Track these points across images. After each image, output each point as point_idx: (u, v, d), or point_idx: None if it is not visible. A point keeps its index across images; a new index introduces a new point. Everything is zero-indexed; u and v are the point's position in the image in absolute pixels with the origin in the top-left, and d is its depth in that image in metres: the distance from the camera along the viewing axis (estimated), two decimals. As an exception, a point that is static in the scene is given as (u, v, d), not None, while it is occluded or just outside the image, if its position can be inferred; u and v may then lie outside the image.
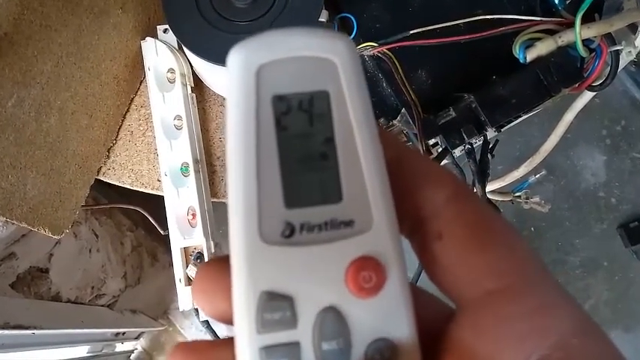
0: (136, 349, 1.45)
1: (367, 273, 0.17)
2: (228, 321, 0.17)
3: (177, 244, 0.60)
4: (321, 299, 0.17)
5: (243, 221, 0.17)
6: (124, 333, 1.30)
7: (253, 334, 0.16)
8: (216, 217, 0.64)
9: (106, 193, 1.03)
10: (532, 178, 0.95)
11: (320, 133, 0.17)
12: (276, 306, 0.16)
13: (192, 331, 1.48)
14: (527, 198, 0.94)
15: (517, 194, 0.95)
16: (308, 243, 0.17)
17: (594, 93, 0.66)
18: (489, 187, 0.93)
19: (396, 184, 0.18)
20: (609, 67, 0.59)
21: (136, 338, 1.43)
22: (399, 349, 0.17)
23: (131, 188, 0.64)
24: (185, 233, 0.60)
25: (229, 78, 0.17)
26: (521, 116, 0.58)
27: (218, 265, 0.17)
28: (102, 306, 1.14)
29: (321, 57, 0.17)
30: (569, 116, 0.76)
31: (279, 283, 0.17)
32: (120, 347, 1.36)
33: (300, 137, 0.17)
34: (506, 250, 0.17)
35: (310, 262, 0.17)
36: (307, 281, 0.17)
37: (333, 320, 0.17)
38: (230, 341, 0.17)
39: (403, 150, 0.18)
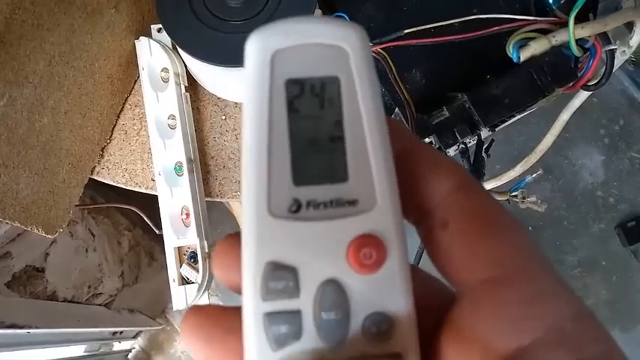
0: (134, 348, 1.45)
1: (368, 250, 0.17)
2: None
3: (170, 243, 0.60)
4: (322, 272, 0.18)
5: (254, 196, 0.18)
6: (121, 332, 1.30)
7: (258, 301, 0.17)
8: (211, 217, 0.64)
9: (104, 192, 1.03)
10: (529, 178, 0.95)
11: (330, 116, 0.18)
12: (280, 276, 0.17)
13: (190, 331, 1.48)
14: (523, 197, 0.94)
15: (513, 194, 0.95)
16: (313, 219, 0.18)
17: (590, 92, 0.66)
18: (486, 187, 0.93)
19: (405, 173, 0.18)
20: (605, 67, 0.59)
21: (134, 337, 1.43)
22: (396, 322, 0.18)
23: (125, 188, 0.64)
24: (179, 233, 0.60)
25: (247, 62, 0.18)
26: (514, 116, 0.57)
27: (235, 238, 0.18)
28: (99, 305, 1.14)
29: (333, 44, 0.18)
30: (564, 116, 0.76)
31: (284, 254, 0.18)
32: (117, 346, 1.37)
33: (310, 119, 0.18)
34: (508, 240, 0.18)
35: (314, 237, 0.18)
36: (310, 254, 0.18)
37: (333, 292, 0.18)
38: (239, 308, 0.18)
39: (412, 141, 0.19)
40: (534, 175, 0.95)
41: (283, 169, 0.18)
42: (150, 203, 0.69)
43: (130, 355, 1.44)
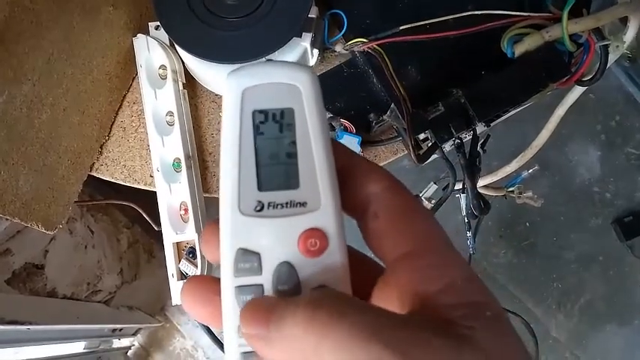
0: (133, 345, 1.45)
1: (313, 240, 0.23)
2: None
3: (169, 239, 0.61)
4: (279, 256, 0.23)
5: (228, 198, 0.23)
6: (120, 329, 1.30)
7: (231, 276, 0.23)
8: (209, 214, 0.64)
9: (103, 191, 1.03)
10: (525, 173, 0.95)
11: (287, 137, 0.23)
12: (247, 259, 0.23)
13: (189, 327, 1.49)
14: (520, 193, 0.95)
15: (510, 189, 0.95)
16: (273, 216, 0.23)
17: (585, 88, 0.67)
18: (482, 182, 0.93)
19: (348, 180, 0.24)
20: (599, 62, 0.60)
21: (133, 334, 1.44)
22: None
23: (124, 184, 0.65)
24: (177, 228, 0.61)
25: (224, 96, 0.23)
26: (509, 111, 0.58)
27: (216, 225, 0.24)
28: (98, 302, 1.15)
29: (289, 83, 0.23)
30: (559, 111, 0.76)
31: (250, 242, 0.23)
32: (117, 343, 1.37)
33: (271, 140, 0.23)
34: (421, 226, 0.23)
35: (273, 229, 0.23)
36: (270, 242, 0.23)
37: (287, 271, 0.23)
38: None
39: (352, 156, 0.25)
40: (530, 171, 0.95)
41: (250, 177, 0.23)
42: (148, 200, 0.70)
43: (129, 352, 1.44)
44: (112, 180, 0.65)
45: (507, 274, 1.58)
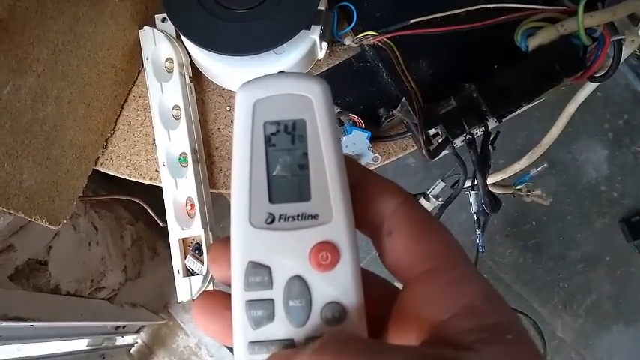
0: (137, 342, 1.45)
1: (325, 253, 0.22)
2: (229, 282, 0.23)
3: (175, 235, 0.60)
4: (290, 270, 0.23)
5: (238, 210, 0.23)
6: (124, 326, 1.30)
7: (242, 290, 0.22)
8: (215, 211, 0.63)
9: (107, 187, 1.02)
10: (533, 171, 0.94)
11: (298, 149, 0.23)
12: (258, 272, 0.22)
13: (193, 325, 1.48)
14: (528, 191, 0.94)
15: (518, 187, 0.94)
16: (284, 229, 0.23)
17: (596, 84, 0.66)
18: (490, 180, 0.92)
19: (360, 196, 0.24)
20: (612, 58, 0.58)
21: (137, 332, 1.43)
22: (348, 310, 0.22)
23: (129, 179, 0.64)
24: (183, 224, 0.60)
25: (235, 108, 0.23)
26: (522, 106, 0.57)
27: (225, 241, 0.23)
28: (102, 299, 1.14)
29: (301, 94, 0.23)
30: (570, 108, 0.75)
31: (261, 256, 0.22)
32: (120, 341, 1.36)
33: (283, 152, 0.23)
34: (437, 242, 0.23)
35: (284, 242, 0.23)
36: (281, 256, 0.23)
37: (298, 285, 0.22)
38: None
39: (364, 171, 0.25)
40: (539, 169, 0.94)
41: (261, 189, 0.23)
42: (153, 197, 0.69)
43: (132, 350, 1.43)
44: (117, 175, 0.64)
45: (513, 274, 1.57)
